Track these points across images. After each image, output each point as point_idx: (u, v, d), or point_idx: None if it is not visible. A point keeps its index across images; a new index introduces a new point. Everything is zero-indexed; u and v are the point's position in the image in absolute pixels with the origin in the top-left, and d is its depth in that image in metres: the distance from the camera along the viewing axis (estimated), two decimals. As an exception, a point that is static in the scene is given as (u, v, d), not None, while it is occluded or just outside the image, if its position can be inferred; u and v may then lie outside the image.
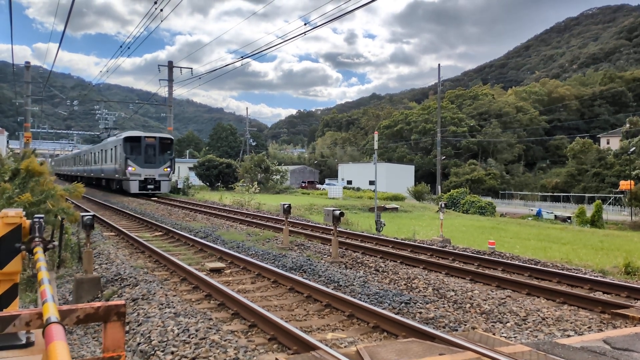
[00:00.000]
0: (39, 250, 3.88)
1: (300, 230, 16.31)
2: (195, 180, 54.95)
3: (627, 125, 77.38)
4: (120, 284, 8.89)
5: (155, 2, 18.26)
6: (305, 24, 17.63)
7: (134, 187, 32.98)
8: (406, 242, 14.21)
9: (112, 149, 36.70)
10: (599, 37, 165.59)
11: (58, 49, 26.86)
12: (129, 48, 27.03)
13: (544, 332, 6.45)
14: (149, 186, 33.38)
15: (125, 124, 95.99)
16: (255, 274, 9.88)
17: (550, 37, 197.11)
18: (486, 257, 11.74)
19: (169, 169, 34.42)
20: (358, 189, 61.86)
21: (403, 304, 7.50)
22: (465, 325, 6.60)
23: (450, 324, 6.62)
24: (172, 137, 35.79)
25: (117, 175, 35.22)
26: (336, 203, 35.43)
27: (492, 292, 8.35)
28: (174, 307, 6.99)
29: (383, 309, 7.16)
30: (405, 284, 8.89)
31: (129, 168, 32.73)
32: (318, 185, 74.02)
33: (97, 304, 2.66)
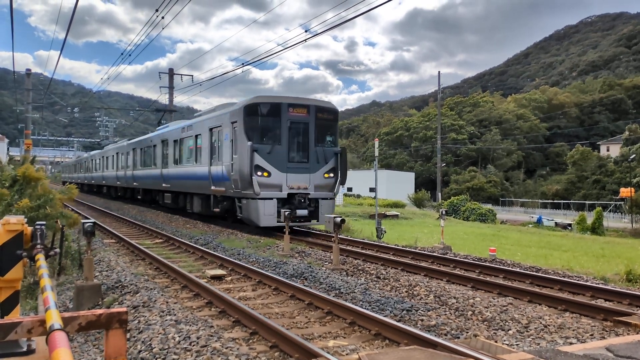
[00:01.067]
0: (40, 258, 3.87)
1: (301, 238, 16.28)
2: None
3: (627, 132, 77.55)
4: (121, 291, 8.87)
5: (157, 10, 18.33)
6: (305, 32, 17.79)
7: (267, 215, 15.96)
8: (407, 249, 14.18)
9: (201, 134, 20.15)
10: (598, 44, 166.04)
11: (59, 57, 27.03)
12: (129, 55, 27.05)
13: (546, 339, 6.43)
14: (298, 211, 16.11)
15: (126, 130, 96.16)
16: (257, 281, 9.86)
17: (550, 44, 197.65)
18: (487, 264, 11.71)
19: (332, 175, 17.23)
20: (358, 196, 61.87)
21: (405, 312, 7.47)
22: (467, 332, 6.58)
23: (452, 332, 6.60)
24: (336, 108, 18.24)
25: (217, 187, 18.19)
26: (337, 210, 35.41)
27: (494, 299, 8.33)
28: (175, 315, 6.97)
29: (385, 316, 7.14)
30: (406, 292, 8.87)
31: (257, 173, 15.88)
32: (318, 193, 73.91)
33: (99, 311, 2.66)
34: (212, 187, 18.58)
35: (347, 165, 17.70)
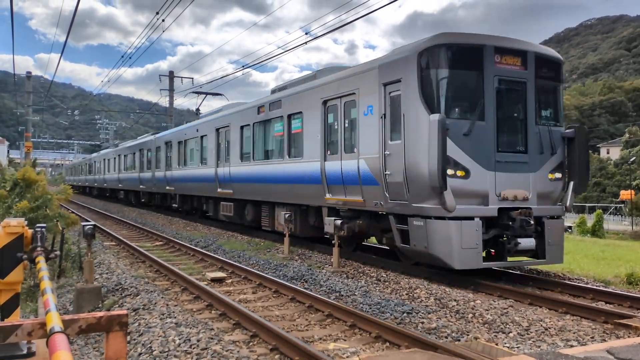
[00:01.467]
0: (41, 260, 3.88)
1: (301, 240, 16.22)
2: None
3: (627, 135, 77.65)
4: (121, 294, 8.87)
5: (157, 13, 18.38)
6: (306, 34, 17.73)
7: (467, 248, 9.00)
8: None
9: (301, 112, 13.50)
10: (598, 47, 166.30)
11: (59, 59, 26.97)
12: (130, 58, 27.02)
13: (547, 342, 6.42)
14: (521, 240, 9.27)
15: (126, 133, 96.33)
16: (257, 283, 9.85)
17: (550, 47, 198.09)
18: (488, 266, 11.68)
19: (559, 176, 10.30)
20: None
21: (405, 314, 7.46)
22: (468, 335, 6.57)
23: (453, 334, 6.59)
24: (561, 58, 11.53)
25: (343, 196, 11.65)
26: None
27: (494, 301, 8.31)
28: (175, 317, 6.96)
29: (385, 319, 7.13)
30: (407, 294, 8.86)
31: (449, 173, 8.97)
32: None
33: (99, 313, 2.66)
34: (329, 195, 12.07)
35: (588, 158, 11.33)
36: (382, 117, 10.26)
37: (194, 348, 5.72)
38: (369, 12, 14.71)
